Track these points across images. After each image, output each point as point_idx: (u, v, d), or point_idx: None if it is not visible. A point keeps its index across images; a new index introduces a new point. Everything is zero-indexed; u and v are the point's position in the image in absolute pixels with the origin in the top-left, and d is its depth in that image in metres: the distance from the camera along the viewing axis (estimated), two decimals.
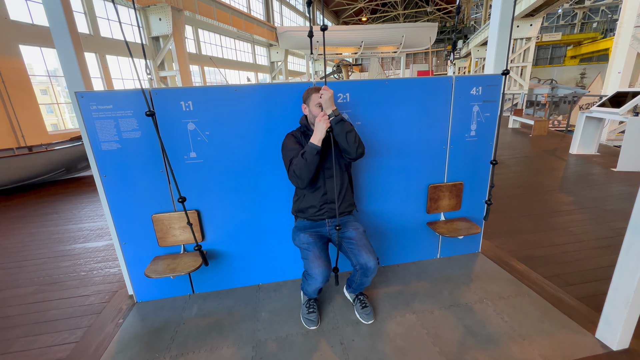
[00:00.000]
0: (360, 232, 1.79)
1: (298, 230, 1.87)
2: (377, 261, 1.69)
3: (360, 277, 1.77)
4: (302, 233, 1.82)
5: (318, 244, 1.75)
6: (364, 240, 1.75)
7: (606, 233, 2.81)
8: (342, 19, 35.31)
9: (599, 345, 1.62)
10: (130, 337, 1.85)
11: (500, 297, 2.02)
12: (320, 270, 1.62)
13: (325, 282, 1.67)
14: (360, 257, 1.69)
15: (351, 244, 1.75)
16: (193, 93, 1.83)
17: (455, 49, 2.24)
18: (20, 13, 8.22)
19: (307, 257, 1.71)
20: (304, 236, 1.79)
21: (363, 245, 1.72)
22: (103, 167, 1.87)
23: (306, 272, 1.73)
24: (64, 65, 1.75)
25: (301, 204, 1.86)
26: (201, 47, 16.23)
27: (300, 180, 1.67)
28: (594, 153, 5.71)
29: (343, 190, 1.84)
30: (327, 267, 1.65)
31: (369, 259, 1.67)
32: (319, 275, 1.62)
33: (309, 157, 1.61)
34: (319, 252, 1.70)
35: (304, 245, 1.75)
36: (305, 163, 1.62)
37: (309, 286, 1.73)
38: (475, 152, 2.29)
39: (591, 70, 25.56)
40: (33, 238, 3.37)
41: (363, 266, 1.69)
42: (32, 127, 8.18)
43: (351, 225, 1.84)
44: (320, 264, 1.64)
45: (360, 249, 1.70)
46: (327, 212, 1.83)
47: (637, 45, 8.84)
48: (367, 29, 16.11)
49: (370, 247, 1.73)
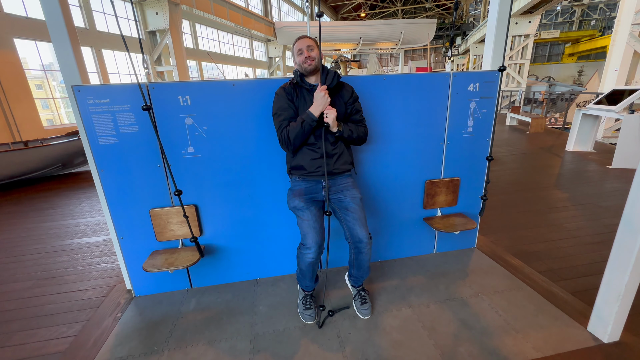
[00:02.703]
0: (358, 203, 1.76)
1: (293, 194, 1.80)
2: (370, 236, 1.72)
3: (355, 254, 1.78)
4: (296, 198, 1.77)
5: (313, 211, 1.74)
6: (359, 212, 1.75)
7: (600, 229, 2.85)
8: (340, 14, 35.09)
9: (590, 338, 1.65)
10: (128, 331, 1.86)
11: (495, 292, 2.05)
12: (315, 239, 1.67)
13: (320, 254, 1.70)
14: (354, 230, 1.71)
15: (347, 214, 1.75)
16: (191, 87, 1.83)
17: (453, 45, 2.24)
18: (14, 6, 8.10)
19: (301, 225, 1.73)
20: (298, 202, 1.76)
21: (359, 217, 1.73)
22: (100, 162, 1.86)
23: (301, 242, 1.74)
24: (60, 58, 1.73)
25: (294, 162, 1.78)
26: (198, 42, 16.10)
27: (291, 146, 1.66)
28: (589, 150, 5.76)
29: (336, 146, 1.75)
30: (323, 236, 1.70)
31: (361, 232, 1.70)
32: (315, 244, 1.67)
33: (307, 127, 1.60)
34: (314, 220, 1.72)
35: (299, 212, 1.75)
36: (302, 131, 1.60)
37: (303, 260, 1.73)
38: (472, 148, 2.31)
39: (589, 67, 25.65)
40: (30, 233, 3.36)
41: (355, 240, 1.72)
42: (27, 122, 8.11)
43: (349, 193, 1.78)
44: (315, 234, 1.68)
45: (355, 222, 1.72)
46: (320, 166, 1.73)
47: (634, 43, 8.88)
48: (366, 25, 16.04)
49: (365, 221, 1.75)
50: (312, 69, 1.66)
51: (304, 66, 1.66)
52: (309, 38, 1.68)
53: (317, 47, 1.67)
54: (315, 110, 1.58)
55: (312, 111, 1.58)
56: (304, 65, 1.65)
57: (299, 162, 1.75)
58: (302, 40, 1.67)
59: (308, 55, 1.64)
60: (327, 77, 1.65)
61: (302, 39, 1.67)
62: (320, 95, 1.56)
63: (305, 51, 1.64)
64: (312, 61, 1.64)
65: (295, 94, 1.71)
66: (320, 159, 1.71)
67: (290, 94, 1.71)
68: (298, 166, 1.76)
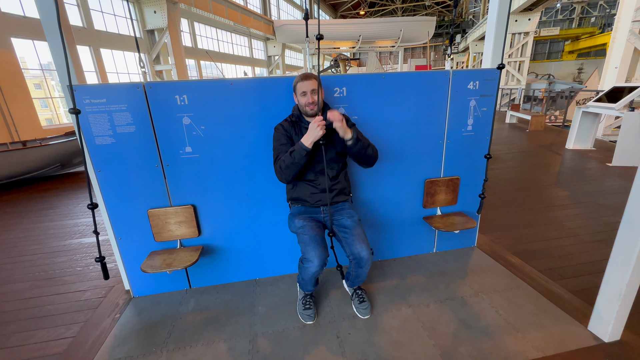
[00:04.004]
0: (355, 221, 1.78)
1: (293, 217, 1.84)
2: (371, 252, 1.69)
3: (354, 268, 1.76)
4: (297, 218, 1.80)
5: (314, 227, 1.74)
6: (358, 229, 1.74)
7: (600, 227, 2.84)
8: (339, 12, 34.97)
9: (591, 337, 1.64)
10: (127, 332, 1.85)
11: (495, 291, 2.04)
12: (316, 253, 1.61)
13: (322, 267, 1.65)
14: (353, 247, 1.69)
15: (345, 232, 1.74)
16: (188, 87, 1.81)
17: (452, 43, 2.23)
18: (11, 5, 8.06)
19: (303, 241, 1.70)
20: (298, 221, 1.77)
21: (357, 234, 1.71)
22: (97, 162, 1.85)
23: (303, 257, 1.70)
24: (55, 58, 1.72)
25: (294, 194, 1.85)
26: (197, 40, 16.03)
27: (284, 176, 1.68)
28: (589, 148, 5.75)
29: (337, 181, 1.82)
30: (324, 250, 1.65)
31: (362, 249, 1.66)
32: (316, 257, 1.61)
33: (297, 156, 1.60)
34: (314, 234, 1.69)
35: (300, 230, 1.74)
36: (292, 161, 1.61)
37: (306, 272, 1.69)
38: (472, 147, 2.30)
39: (589, 65, 25.57)
40: (28, 234, 3.35)
41: (356, 256, 1.68)
42: (25, 121, 8.09)
43: (346, 214, 1.82)
44: (316, 247, 1.63)
45: (354, 239, 1.70)
46: (321, 201, 1.81)
47: (634, 40, 8.85)
48: (365, 22, 15.97)
49: (364, 236, 1.72)
50: (314, 114, 1.69)
51: (305, 109, 1.69)
52: (314, 79, 1.66)
53: (321, 88, 1.67)
54: (307, 141, 1.59)
55: (303, 141, 1.59)
56: (306, 108, 1.68)
57: (300, 195, 1.82)
58: (307, 82, 1.66)
59: (312, 101, 1.66)
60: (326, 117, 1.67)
61: (307, 81, 1.66)
62: (314, 126, 1.56)
63: (310, 96, 1.66)
64: (314, 106, 1.67)
65: (294, 131, 1.75)
66: (320, 194, 1.78)
67: (289, 131, 1.75)
68: (298, 198, 1.84)
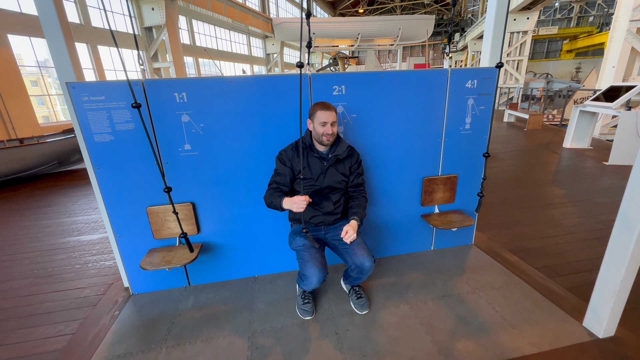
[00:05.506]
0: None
1: (294, 234, 1.87)
2: (374, 260, 1.71)
3: (356, 274, 1.78)
4: (297, 236, 1.82)
5: (314, 245, 1.75)
6: (358, 239, 1.75)
7: (596, 225, 2.86)
8: (338, 10, 34.86)
9: (586, 333, 1.67)
10: (126, 329, 1.86)
11: (491, 288, 2.06)
12: (314, 271, 1.64)
13: (321, 283, 1.69)
14: (355, 258, 1.70)
15: (345, 245, 1.76)
16: (187, 84, 1.81)
17: (451, 41, 2.23)
18: (8, 1, 7.99)
19: (302, 258, 1.72)
20: (299, 239, 1.80)
21: (357, 244, 1.73)
22: (96, 159, 1.85)
23: (302, 274, 1.74)
24: (54, 55, 1.71)
25: (296, 214, 1.87)
26: (195, 38, 15.95)
27: (267, 206, 1.78)
28: (586, 147, 5.78)
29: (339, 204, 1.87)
30: (323, 268, 1.67)
31: (364, 259, 1.68)
32: (314, 275, 1.64)
33: (276, 205, 1.71)
34: (314, 252, 1.71)
35: (300, 247, 1.76)
36: (273, 205, 1.73)
37: (305, 286, 1.76)
38: (470, 145, 2.31)
39: (586, 64, 25.62)
40: (26, 231, 3.34)
41: (359, 266, 1.71)
42: (22, 119, 8.03)
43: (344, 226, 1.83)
44: (315, 265, 1.65)
45: (354, 249, 1.71)
46: (322, 222, 1.88)
47: (631, 40, 8.89)
48: (364, 21, 15.96)
49: (365, 245, 1.74)
50: (329, 144, 1.73)
51: (322, 138, 1.71)
52: (335, 111, 1.70)
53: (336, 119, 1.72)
54: (285, 204, 1.67)
55: (283, 203, 1.67)
56: (323, 137, 1.70)
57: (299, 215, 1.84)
58: (328, 113, 1.67)
59: (332, 132, 1.69)
60: (337, 148, 1.76)
61: (329, 112, 1.67)
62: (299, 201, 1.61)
63: (330, 127, 1.68)
64: (331, 137, 1.70)
65: (299, 158, 1.73)
66: (322, 216, 1.84)
67: (290, 159, 1.77)
68: (297, 218, 1.90)
